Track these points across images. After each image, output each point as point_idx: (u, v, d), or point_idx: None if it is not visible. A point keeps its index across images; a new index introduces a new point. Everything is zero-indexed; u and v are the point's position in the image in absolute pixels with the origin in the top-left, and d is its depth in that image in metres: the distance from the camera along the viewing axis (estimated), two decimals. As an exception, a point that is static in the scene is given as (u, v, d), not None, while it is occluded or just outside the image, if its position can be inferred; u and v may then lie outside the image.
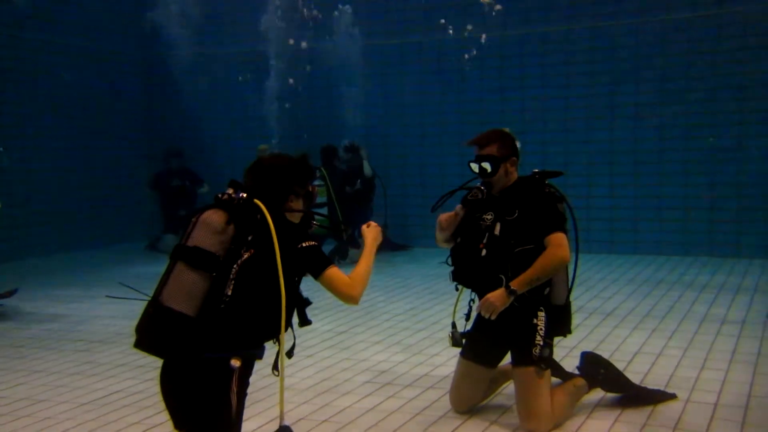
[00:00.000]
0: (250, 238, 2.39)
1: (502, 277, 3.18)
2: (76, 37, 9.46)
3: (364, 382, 4.02)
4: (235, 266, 2.36)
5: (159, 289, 2.35)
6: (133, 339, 2.42)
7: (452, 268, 3.40)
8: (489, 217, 3.28)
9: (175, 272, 2.34)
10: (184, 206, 9.37)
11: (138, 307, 2.48)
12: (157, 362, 4.47)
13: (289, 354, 2.49)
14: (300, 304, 2.51)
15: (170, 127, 10.30)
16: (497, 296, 3.15)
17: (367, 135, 9.15)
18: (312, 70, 9.53)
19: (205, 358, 2.34)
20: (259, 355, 2.46)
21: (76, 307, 6.20)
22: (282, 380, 2.43)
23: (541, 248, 3.18)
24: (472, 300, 3.43)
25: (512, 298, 3.15)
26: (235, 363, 2.34)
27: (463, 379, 3.46)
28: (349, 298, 2.47)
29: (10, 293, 5.97)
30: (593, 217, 8.20)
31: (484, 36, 8.76)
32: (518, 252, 3.18)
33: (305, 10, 9.20)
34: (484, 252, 3.21)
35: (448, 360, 4.38)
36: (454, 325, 3.49)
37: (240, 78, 9.84)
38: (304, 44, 9.26)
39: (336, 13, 9.30)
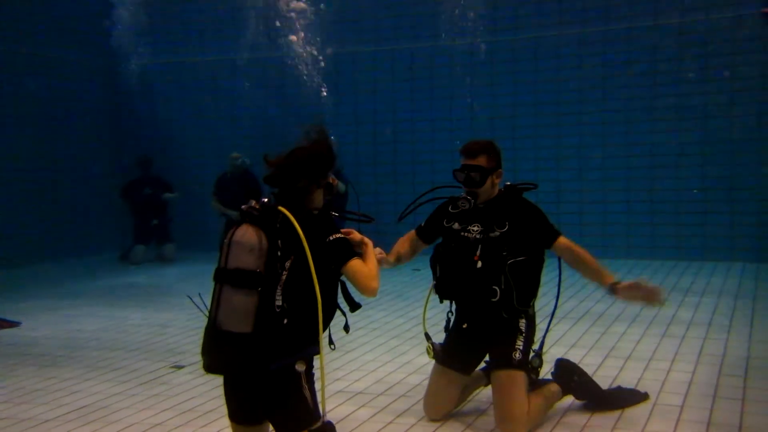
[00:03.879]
0: (280, 243, 2.45)
1: (496, 288, 3.21)
2: (41, 47, 9.30)
3: (336, 392, 4.00)
4: (282, 275, 2.45)
5: (213, 313, 2.47)
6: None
7: (435, 281, 3.38)
8: (475, 228, 3.29)
9: (224, 296, 2.46)
10: (156, 215, 9.27)
11: (103, 323, 2.45)
12: (126, 375, 4.42)
13: (346, 329, 2.66)
14: (344, 291, 2.63)
15: (140, 136, 10.19)
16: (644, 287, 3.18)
17: (339, 143, 9.15)
18: (284, 79, 9.52)
19: (273, 366, 2.47)
20: (318, 350, 2.60)
21: (42, 320, 6.07)
22: (323, 378, 2.53)
23: (534, 259, 3.26)
24: (451, 312, 3.45)
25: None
26: (300, 367, 2.50)
27: (439, 386, 3.47)
28: (370, 290, 2.55)
29: (11, 324, 5.81)
30: (563, 222, 8.28)
31: (454, 43, 8.85)
32: (511, 263, 3.22)
33: (276, 20, 9.19)
34: (480, 264, 3.23)
35: (420, 367, 4.39)
36: (428, 337, 3.50)
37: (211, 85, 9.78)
38: (274, 53, 9.25)
39: (305, 21, 9.31)
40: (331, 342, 2.66)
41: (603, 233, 8.50)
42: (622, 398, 3.66)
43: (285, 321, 2.44)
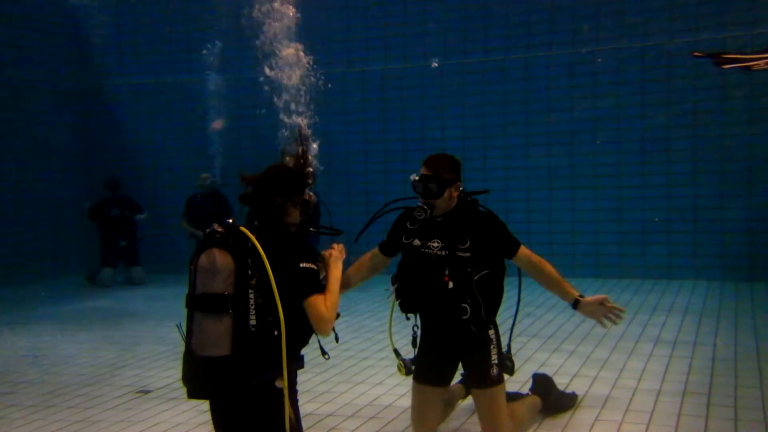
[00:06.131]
0: (250, 264, 2.45)
1: (466, 306, 3.21)
2: (7, 68, 9.17)
3: (306, 414, 3.94)
4: (251, 294, 2.44)
5: (188, 340, 2.47)
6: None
7: (400, 300, 3.37)
8: (436, 244, 3.28)
9: (196, 322, 2.45)
10: (124, 236, 9.12)
11: (67, 348, 2.39)
12: (89, 402, 4.31)
13: (336, 338, 2.69)
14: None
15: (108, 157, 10.07)
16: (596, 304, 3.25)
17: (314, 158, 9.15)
18: (255, 99, 9.51)
19: (253, 384, 2.46)
20: (300, 365, 2.62)
21: (3, 346, 5.92)
22: (286, 398, 2.52)
23: (497, 270, 3.28)
24: (416, 326, 3.45)
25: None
26: (280, 384, 2.48)
27: (422, 403, 3.47)
28: (321, 331, 2.57)
29: None
30: (533, 242, 8.38)
31: (425, 63, 8.98)
32: (477, 279, 3.23)
33: (247, 41, 9.20)
34: (451, 285, 3.22)
35: (390, 389, 4.38)
36: (398, 353, 3.50)
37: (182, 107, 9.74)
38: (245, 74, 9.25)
39: (279, 41, 9.34)
40: (324, 352, 2.68)
41: (572, 252, 8.62)
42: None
43: (261, 339, 2.44)
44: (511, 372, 3.37)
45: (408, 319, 3.43)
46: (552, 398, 3.77)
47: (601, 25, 8.50)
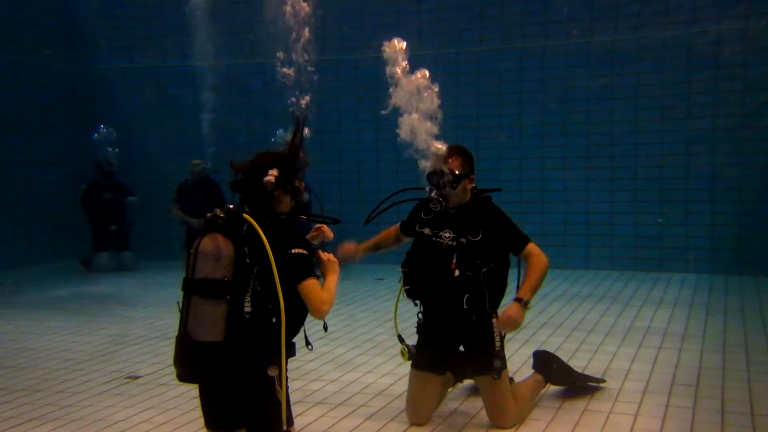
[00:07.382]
0: (247, 251, 2.45)
1: (470, 295, 3.28)
2: (-1, 50, 9.08)
3: (297, 401, 3.94)
4: (250, 282, 2.46)
5: (183, 323, 2.46)
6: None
7: (408, 286, 3.43)
8: (447, 235, 3.34)
9: (192, 306, 2.45)
10: (115, 221, 9.07)
11: (56, 333, 2.37)
12: (78, 387, 4.30)
13: (325, 328, 2.77)
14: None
15: (99, 141, 9.98)
16: (517, 311, 3.24)
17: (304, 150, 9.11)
18: (247, 86, 9.46)
19: (246, 371, 2.48)
20: (292, 353, 2.64)
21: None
22: (285, 387, 2.54)
23: (503, 265, 3.37)
24: (421, 312, 3.50)
25: (527, 309, 3.32)
26: (273, 372, 2.50)
27: (419, 390, 3.53)
28: (319, 312, 2.59)
29: None
30: (525, 232, 8.39)
31: (416, 54, 8.92)
32: (485, 271, 3.31)
33: (239, 28, 9.12)
34: (457, 272, 3.28)
35: (381, 377, 4.39)
36: (402, 339, 3.56)
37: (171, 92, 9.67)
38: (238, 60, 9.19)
39: (269, 30, 9.28)
40: (308, 343, 2.71)
41: (564, 244, 8.64)
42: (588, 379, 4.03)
43: (255, 326, 2.44)
44: (499, 374, 3.38)
45: (416, 305, 3.50)
46: (554, 372, 3.85)
47: (594, 16, 8.48)
